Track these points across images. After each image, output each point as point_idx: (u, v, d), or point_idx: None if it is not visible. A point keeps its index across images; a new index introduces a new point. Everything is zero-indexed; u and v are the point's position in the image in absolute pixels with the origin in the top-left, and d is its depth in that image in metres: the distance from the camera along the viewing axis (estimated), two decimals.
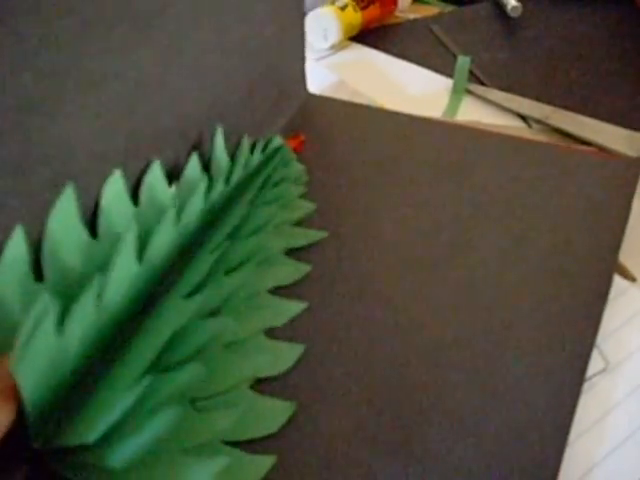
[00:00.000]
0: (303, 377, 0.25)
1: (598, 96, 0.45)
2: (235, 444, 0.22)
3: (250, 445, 0.22)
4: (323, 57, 0.53)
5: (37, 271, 0.21)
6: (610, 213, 0.32)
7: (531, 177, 0.35)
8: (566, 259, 0.30)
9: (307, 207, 0.33)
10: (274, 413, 0.23)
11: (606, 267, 0.29)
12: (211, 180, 0.29)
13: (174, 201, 0.26)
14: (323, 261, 0.30)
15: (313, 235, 0.31)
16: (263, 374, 0.24)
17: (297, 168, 0.35)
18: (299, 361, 0.25)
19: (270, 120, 0.38)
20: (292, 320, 0.27)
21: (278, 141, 0.35)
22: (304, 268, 0.29)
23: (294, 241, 0.30)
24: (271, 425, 0.23)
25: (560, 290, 0.28)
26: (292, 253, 0.30)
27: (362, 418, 0.23)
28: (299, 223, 0.32)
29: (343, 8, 0.54)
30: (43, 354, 0.18)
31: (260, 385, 0.24)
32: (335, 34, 0.53)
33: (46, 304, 0.18)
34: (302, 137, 0.37)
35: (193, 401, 0.22)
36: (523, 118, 0.44)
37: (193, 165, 0.28)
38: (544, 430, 0.23)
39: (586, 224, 0.32)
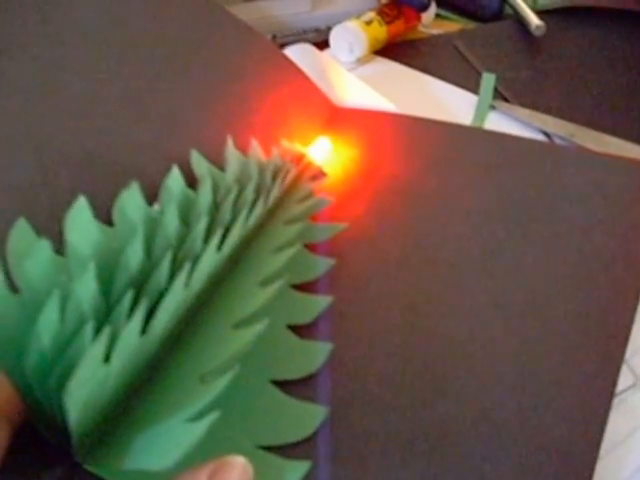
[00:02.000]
0: (333, 378, 0.25)
1: (622, 115, 0.45)
2: (269, 449, 0.22)
3: (283, 450, 0.22)
4: (348, 70, 0.53)
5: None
6: None
7: (562, 182, 0.35)
8: (595, 271, 0.30)
9: (324, 202, 0.33)
10: (307, 417, 0.23)
11: (635, 280, 0.29)
12: (257, 199, 0.29)
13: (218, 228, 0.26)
14: (347, 259, 0.30)
15: (332, 228, 0.31)
16: (292, 376, 0.25)
17: (316, 167, 0.35)
18: (328, 361, 0.25)
19: (289, 135, 0.38)
20: (319, 317, 0.27)
21: (297, 147, 0.36)
22: (329, 262, 0.29)
23: (314, 236, 0.31)
24: (304, 429, 0.23)
25: (589, 303, 0.28)
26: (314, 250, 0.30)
27: (395, 423, 0.24)
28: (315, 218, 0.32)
29: (369, 22, 0.55)
30: (90, 381, 0.18)
31: (287, 387, 0.24)
32: (361, 48, 0.53)
33: (94, 334, 0.18)
34: (326, 143, 0.38)
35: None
36: (547, 135, 0.44)
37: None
38: (574, 445, 0.23)
39: (615, 232, 0.32)
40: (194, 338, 0.24)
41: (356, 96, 0.43)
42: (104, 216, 0.26)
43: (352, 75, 0.47)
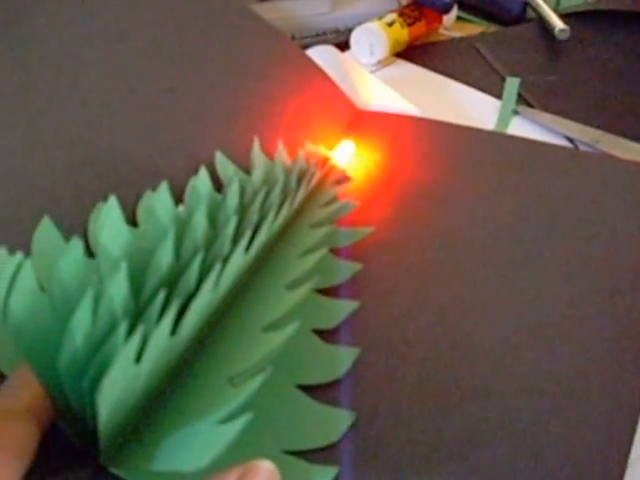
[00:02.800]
0: (358, 383, 0.25)
1: None
2: (295, 453, 0.22)
3: (309, 455, 0.22)
4: (369, 72, 0.53)
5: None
6: None
7: (586, 189, 0.35)
8: (621, 277, 0.30)
9: (349, 206, 0.33)
10: (333, 422, 0.23)
11: None
12: (283, 203, 0.29)
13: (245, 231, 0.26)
14: (373, 264, 0.30)
15: (359, 232, 0.31)
16: (317, 381, 0.24)
17: (340, 171, 0.35)
18: (354, 366, 0.25)
19: (314, 138, 0.38)
20: (344, 322, 0.27)
21: (321, 150, 0.35)
22: (355, 267, 0.29)
23: (340, 240, 0.30)
24: (332, 435, 0.23)
25: (616, 309, 0.28)
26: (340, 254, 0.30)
27: (421, 429, 0.24)
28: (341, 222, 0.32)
29: (390, 24, 0.54)
30: (121, 381, 0.18)
31: (314, 391, 0.24)
32: (382, 50, 0.53)
33: (127, 334, 0.18)
34: (350, 147, 0.37)
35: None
36: (571, 141, 0.44)
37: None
38: (604, 451, 0.23)
39: None
40: (221, 340, 0.24)
41: (379, 99, 0.43)
42: (128, 216, 0.26)
43: (375, 78, 0.47)
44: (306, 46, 0.50)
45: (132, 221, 0.27)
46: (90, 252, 0.25)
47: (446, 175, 0.36)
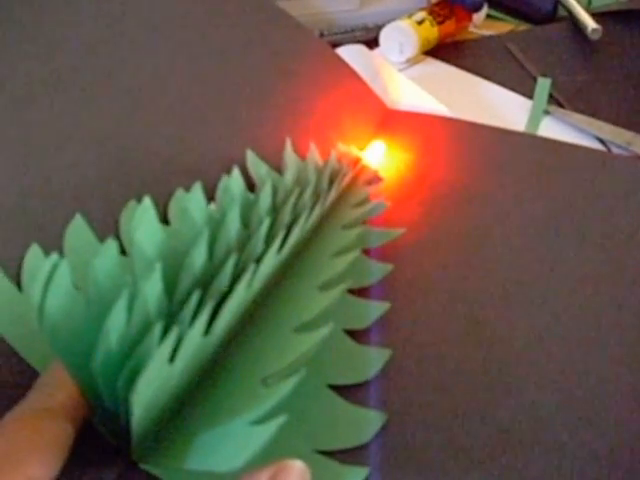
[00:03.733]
0: (389, 384, 0.25)
1: None
2: (326, 453, 0.22)
3: (340, 455, 0.23)
4: (398, 71, 0.53)
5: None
6: None
7: (619, 192, 0.35)
8: None
9: (381, 206, 0.33)
10: (366, 423, 0.23)
11: None
12: (316, 202, 0.29)
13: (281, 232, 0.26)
14: (404, 265, 0.30)
15: (391, 233, 0.31)
16: (349, 381, 0.25)
17: (371, 171, 0.35)
18: (385, 367, 0.25)
19: (344, 137, 0.38)
20: (376, 323, 0.27)
21: (352, 151, 0.35)
22: (386, 268, 0.29)
23: (372, 241, 0.30)
24: (363, 435, 0.23)
25: None
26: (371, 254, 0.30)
27: (452, 431, 0.23)
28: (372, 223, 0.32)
29: (420, 22, 0.54)
30: (155, 381, 0.18)
31: (345, 392, 0.24)
32: (412, 48, 0.53)
33: (162, 333, 0.18)
34: (381, 146, 0.37)
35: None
36: (603, 143, 0.43)
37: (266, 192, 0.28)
38: (636, 454, 0.23)
39: None
40: (253, 340, 0.24)
41: (409, 98, 0.43)
42: (158, 214, 0.26)
43: (405, 77, 0.47)
44: (334, 43, 0.50)
45: (163, 219, 0.27)
46: (122, 251, 0.25)
47: (477, 176, 0.36)
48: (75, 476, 0.20)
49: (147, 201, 0.23)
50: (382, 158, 0.37)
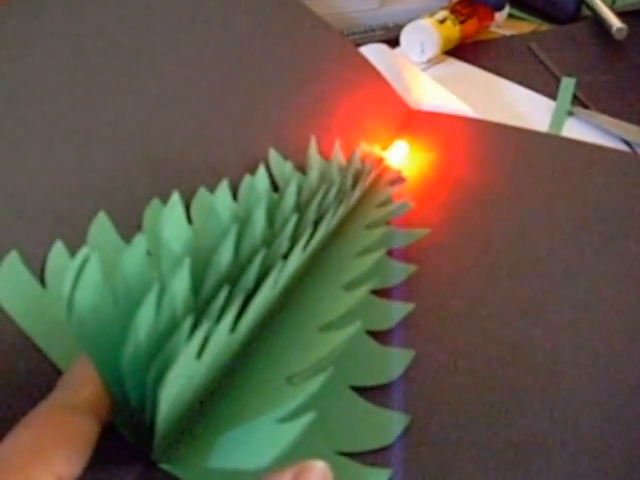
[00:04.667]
0: (413, 386, 0.25)
1: None
2: (348, 455, 0.22)
3: (362, 457, 0.22)
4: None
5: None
6: None
7: None
8: None
9: (405, 206, 0.32)
10: (389, 425, 0.23)
11: None
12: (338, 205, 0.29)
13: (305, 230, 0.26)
14: (428, 266, 0.30)
15: (415, 234, 0.31)
16: (371, 382, 0.24)
17: (395, 171, 0.35)
18: (409, 369, 0.25)
19: (367, 137, 0.38)
20: (399, 324, 0.27)
21: (376, 150, 0.35)
22: (410, 269, 0.29)
23: (396, 241, 0.30)
24: (386, 437, 0.23)
25: None
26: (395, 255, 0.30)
27: (476, 435, 0.23)
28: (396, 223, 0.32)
29: (442, 21, 0.54)
30: (182, 377, 0.18)
31: (369, 393, 0.24)
32: (433, 48, 0.53)
33: (191, 330, 0.18)
34: (404, 147, 0.37)
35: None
36: (629, 145, 0.42)
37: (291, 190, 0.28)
38: None
39: None
40: (278, 339, 0.24)
41: (432, 98, 0.43)
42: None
43: (427, 77, 0.46)
44: (355, 44, 0.50)
45: (187, 217, 0.27)
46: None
47: (501, 177, 0.36)
48: (94, 476, 0.19)
49: (175, 197, 0.23)
50: (405, 158, 0.37)
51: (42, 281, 0.22)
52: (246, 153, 0.31)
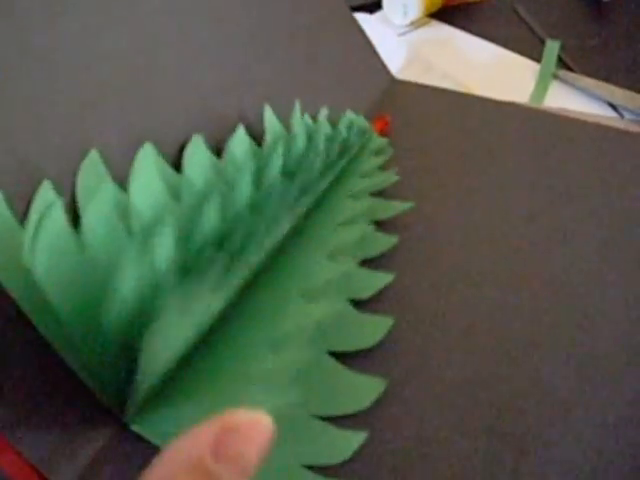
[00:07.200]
0: (392, 353, 0.24)
1: None
2: (325, 419, 0.22)
3: (340, 420, 0.22)
4: (402, 34, 0.51)
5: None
6: None
7: (624, 168, 0.33)
8: None
9: (390, 178, 0.32)
10: (365, 389, 0.23)
11: None
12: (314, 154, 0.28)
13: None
14: (410, 237, 0.29)
15: (398, 206, 0.30)
16: (350, 348, 0.24)
17: (379, 141, 0.34)
18: (387, 335, 0.25)
19: (352, 105, 0.37)
20: (380, 293, 0.26)
21: (361, 120, 0.34)
22: (392, 240, 0.29)
23: (380, 213, 0.30)
24: (362, 401, 0.23)
25: None
26: (378, 226, 0.30)
27: (454, 400, 0.23)
28: (380, 194, 0.31)
29: None
30: (165, 333, 0.18)
31: (348, 359, 0.24)
32: (415, 10, 0.51)
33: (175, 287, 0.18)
34: (387, 118, 0.36)
35: None
36: (614, 108, 0.42)
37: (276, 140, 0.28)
38: None
39: None
40: (260, 303, 0.23)
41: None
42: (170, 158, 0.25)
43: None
44: None
45: (176, 164, 0.26)
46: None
47: (483, 149, 0.35)
48: (66, 437, 0.19)
49: (197, 138, 0.23)
50: (388, 129, 0.36)
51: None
52: (240, 107, 0.30)
